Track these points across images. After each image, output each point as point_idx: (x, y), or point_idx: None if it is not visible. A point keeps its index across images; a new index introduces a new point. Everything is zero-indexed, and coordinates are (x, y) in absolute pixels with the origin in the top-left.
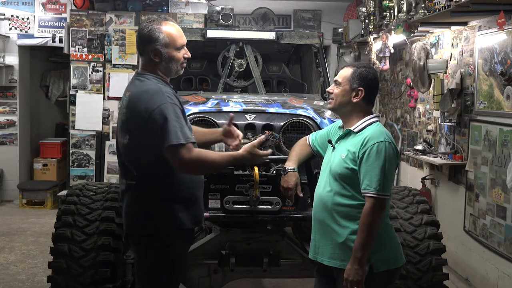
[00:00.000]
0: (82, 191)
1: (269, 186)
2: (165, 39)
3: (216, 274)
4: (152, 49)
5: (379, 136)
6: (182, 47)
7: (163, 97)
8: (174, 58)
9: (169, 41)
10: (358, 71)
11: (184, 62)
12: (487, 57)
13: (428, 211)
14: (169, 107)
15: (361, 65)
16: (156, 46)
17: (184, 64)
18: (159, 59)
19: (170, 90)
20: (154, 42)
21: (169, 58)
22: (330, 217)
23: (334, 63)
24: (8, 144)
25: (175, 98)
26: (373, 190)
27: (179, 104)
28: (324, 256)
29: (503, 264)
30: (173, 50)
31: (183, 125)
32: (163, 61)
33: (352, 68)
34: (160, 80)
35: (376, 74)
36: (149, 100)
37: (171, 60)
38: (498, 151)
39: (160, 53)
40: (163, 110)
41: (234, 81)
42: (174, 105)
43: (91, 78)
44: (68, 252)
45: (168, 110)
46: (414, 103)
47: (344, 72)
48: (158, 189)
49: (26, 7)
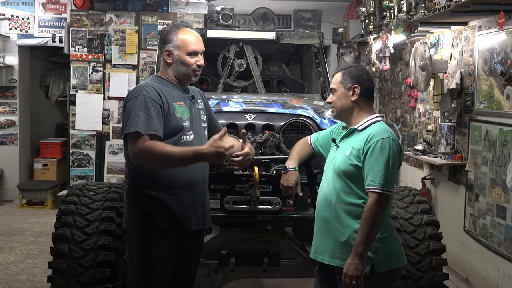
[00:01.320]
0: (82, 191)
1: (269, 186)
2: (177, 42)
3: (216, 274)
4: (166, 50)
5: (383, 133)
6: (196, 54)
7: (139, 91)
8: (184, 62)
9: (181, 45)
10: (347, 71)
11: (197, 69)
12: (487, 57)
13: (428, 211)
14: (139, 99)
15: (348, 66)
16: (169, 47)
17: (197, 72)
18: (171, 60)
19: (160, 86)
20: (168, 43)
21: (180, 61)
22: (334, 215)
23: (334, 63)
24: (8, 144)
25: (154, 92)
26: (377, 185)
27: (158, 99)
28: (325, 255)
29: (503, 264)
30: (185, 54)
31: (150, 118)
32: (174, 62)
33: (341, 71)
34: (163, 80)
35: (365, 69)
36: (128, 94)
37: (181, 63)
38: (498, 151)
39: (172, 54)
40: (133, 101)
41: (234, 81)
42: (148, 97)
43: (91, 78)
44: (68, 252)
45: (137, 101)
46: (414, 103)
47: (336, 78)
48: (143, 187)
49: (26, 7)
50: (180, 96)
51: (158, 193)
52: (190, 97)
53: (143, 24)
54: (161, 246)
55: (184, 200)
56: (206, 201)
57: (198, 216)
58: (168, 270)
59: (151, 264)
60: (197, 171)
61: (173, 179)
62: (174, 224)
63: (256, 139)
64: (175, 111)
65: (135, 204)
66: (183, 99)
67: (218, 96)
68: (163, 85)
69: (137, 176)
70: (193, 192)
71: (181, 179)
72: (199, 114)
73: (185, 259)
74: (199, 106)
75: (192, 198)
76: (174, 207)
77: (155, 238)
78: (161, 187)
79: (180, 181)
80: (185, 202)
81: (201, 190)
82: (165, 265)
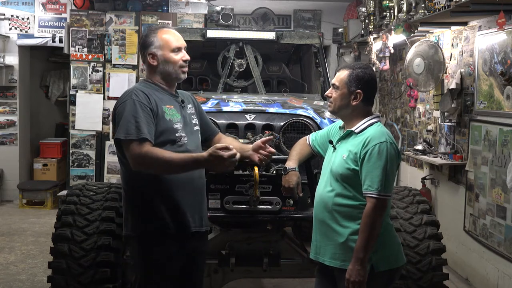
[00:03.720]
0: (82, 191)
1: (269, 186)
2: (159, 42)
3: (216, 274)
4: (149, 53)
5: (380, 137)
6: (179, 50)
7: (128, 95)
8: (170, 60)
9: (163, 44)
10: (355, 73)
11: (184, 66)
12: (487, 57)
13: (428, 211)
14: (128, 104)
15: (357, 66)
16: (152, 49)
17: (184, 68)
18: (156, 62)
19: (149, 90)
20: (150, 46)
21: (165, 60)
22: (331, 217)
23: (334, 63)
24: (8, 144)
25: (143, 96)
26: (374, 190)
27: (148, 102)
28: (325, 256)
29: (503, 264)
30: (169, 52)
31: (140, 122)
32: (160, 64)
33: (348, 70)
34: (151, 84)
35: (373, 73)
36: (118, 100)
37: (167, 62)
38: (498, 151)
39: (156, 55)
40: (122, 106)
41: (234, 81)
42: (137, 102)
43: (91, 78)
44: (68, 252)
45: (127, 106)
46: (414, 103)
47: (341, 75)
48: (139, 191)
49: (26, 7)
50: (168, 99)
51: (154, 195)
52: (180, 101)
53: (143, 24)
54: (162, 251)
55: (180, 201)
56: (203, 203)
57: (195, 217)
58: (172, 276)
59: (154, 270)
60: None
61: (168, 180)
62: (171, 226)
63: (256, 139)
64: (165, 114)
65: (131, 207)
66: (172, 103)
67: (218, 96)
68: (152, 89)
69: (132, 179)
70: (188, 192)
71: (176, 180)
72: (191, 118)
73: (189, 264)
74: (190, 110)
75: (188, 199)
76: (170, 209)
77: (155, 242)
78: (157, 189)
79: (176, 182)
80: (181, 203)
81: (198, 191)
82: (169, 271)
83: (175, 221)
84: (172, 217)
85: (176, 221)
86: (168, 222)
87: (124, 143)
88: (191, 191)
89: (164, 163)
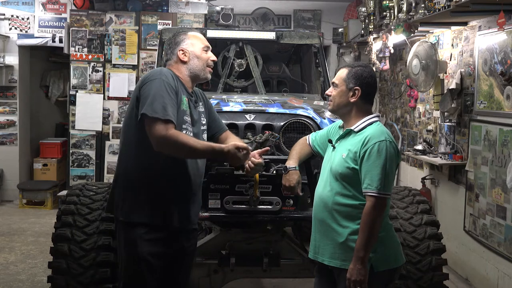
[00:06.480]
0: (82, 191)
1: (269, 186)
2: (191, 40)
3: (216, 274)
4: (180, 49)
5: (380, 136)
6: (209, 49)
7: (158, 74)
8: (201, 56)
9: (195, 42)
10: (353, 71)
11: (211, 65)
12: (487, 57)
13: (428, 211)
14: (157, 82)
15: (356, 64)
16: (183, 45)
17: (211, 68)
18: (187, 58)
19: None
20: (181, 42)
21: (196, 56)
22: (331, 217)
23: (334, 63)
24: (8, 144)
25: (171, 79)
26: (374, 189)
27: (175, 86)
28: (324, 256)
29: (503, 264)
30: (200, 49)
31: (167, 103)
32: (191, 60)
33: (347, 68)
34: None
35: (372, 72)
36: (146, 76)
37: (198, 58)
38: (498, 151)
39: (187, 52)
40: (151, 84)
41: (234, 81)
42: (166, 83)
43: (91, 78)
44: (68, 252)
45: (156, 84)
46: (414, 103)
47: (340, 73)
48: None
49: (26, 7)
50: (187, 95)
51: (147, 186)
52: (193, 100)
53: (143, 24)
54: (147, 244)
55: (172, 196)
56: (196, 201)
57: (182, 214)
58: (157, 271)
59: (138, 264)
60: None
61: (163, 175)
62: (159, 220)
63: (256, 139)
64: (182, 103)
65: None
66: (188, 97)
67: (218, 96)
68: (177, 78)
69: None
70: (181, 189)
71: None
72: (200, 117)
73: (176, 261)
74: (200, 109)
75: (180, 195)
76: (160, 202)
77: (141, 234)
78: (150, 180)
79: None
80: (173, 198)
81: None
82: (153, 266)
83: (163, 215)
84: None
85: (163, 216)
86: (154, 214)
87: (149, 121)
88: (184, 189)
89: (188, 149)
